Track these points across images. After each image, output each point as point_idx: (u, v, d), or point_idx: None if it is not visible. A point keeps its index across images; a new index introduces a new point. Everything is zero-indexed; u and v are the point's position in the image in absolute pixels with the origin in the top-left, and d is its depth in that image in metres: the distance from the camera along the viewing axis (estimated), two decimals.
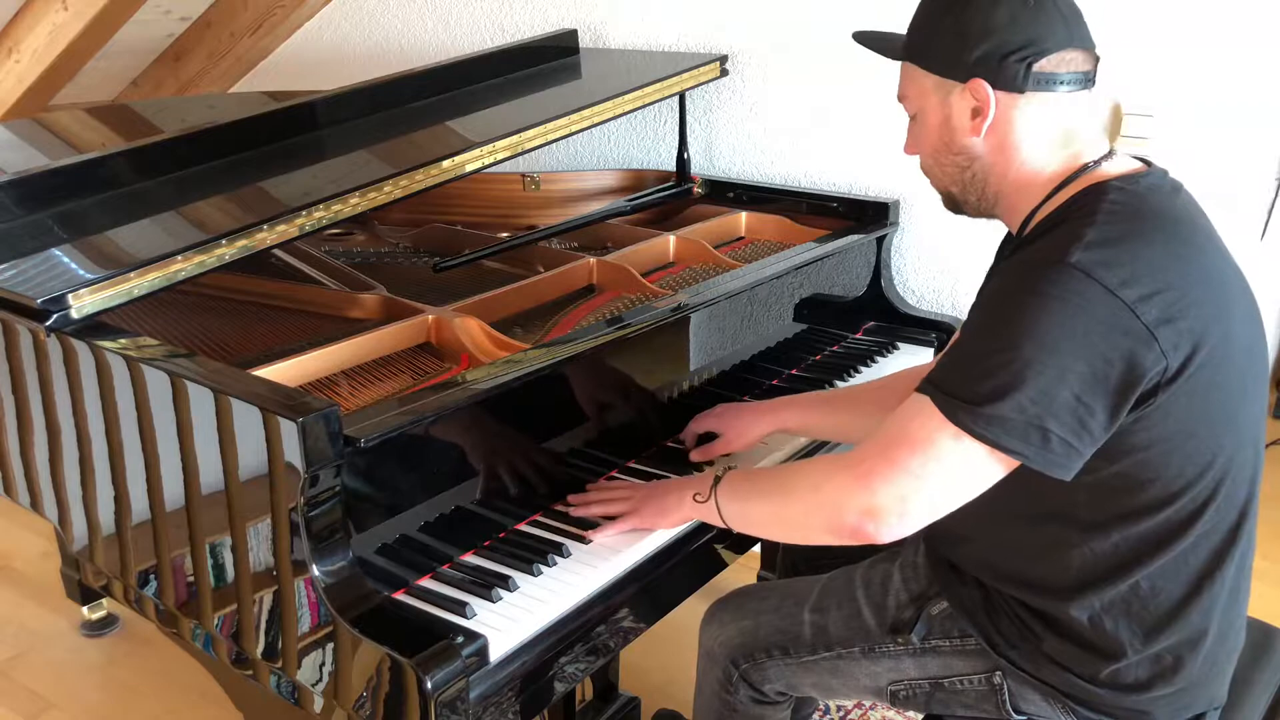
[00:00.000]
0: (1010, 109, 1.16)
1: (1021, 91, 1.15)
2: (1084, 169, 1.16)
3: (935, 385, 1.11)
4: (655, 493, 1.40)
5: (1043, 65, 1.14)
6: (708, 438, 1.59)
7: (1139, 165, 1.19)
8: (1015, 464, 1.09)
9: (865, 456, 1.15)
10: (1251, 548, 1.22)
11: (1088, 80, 1.17)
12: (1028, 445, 1.06)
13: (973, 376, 1.07)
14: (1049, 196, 1.17)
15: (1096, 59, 1.18)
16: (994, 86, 1.15)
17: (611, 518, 1.40)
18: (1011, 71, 1.14)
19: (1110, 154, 1.18)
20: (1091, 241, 1.06)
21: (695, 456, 1.57)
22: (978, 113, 1.17)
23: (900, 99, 1.27)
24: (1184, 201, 1.16)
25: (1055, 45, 1.14)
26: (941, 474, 1.10)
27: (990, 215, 1.26)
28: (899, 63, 1.26)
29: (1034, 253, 1.12)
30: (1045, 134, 1.17)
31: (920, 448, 1.10)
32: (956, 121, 1.19)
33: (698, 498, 1.34)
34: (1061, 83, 1.15)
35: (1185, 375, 1.06)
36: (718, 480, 1.33)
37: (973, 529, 1.26)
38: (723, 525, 1.34)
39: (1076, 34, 1.15)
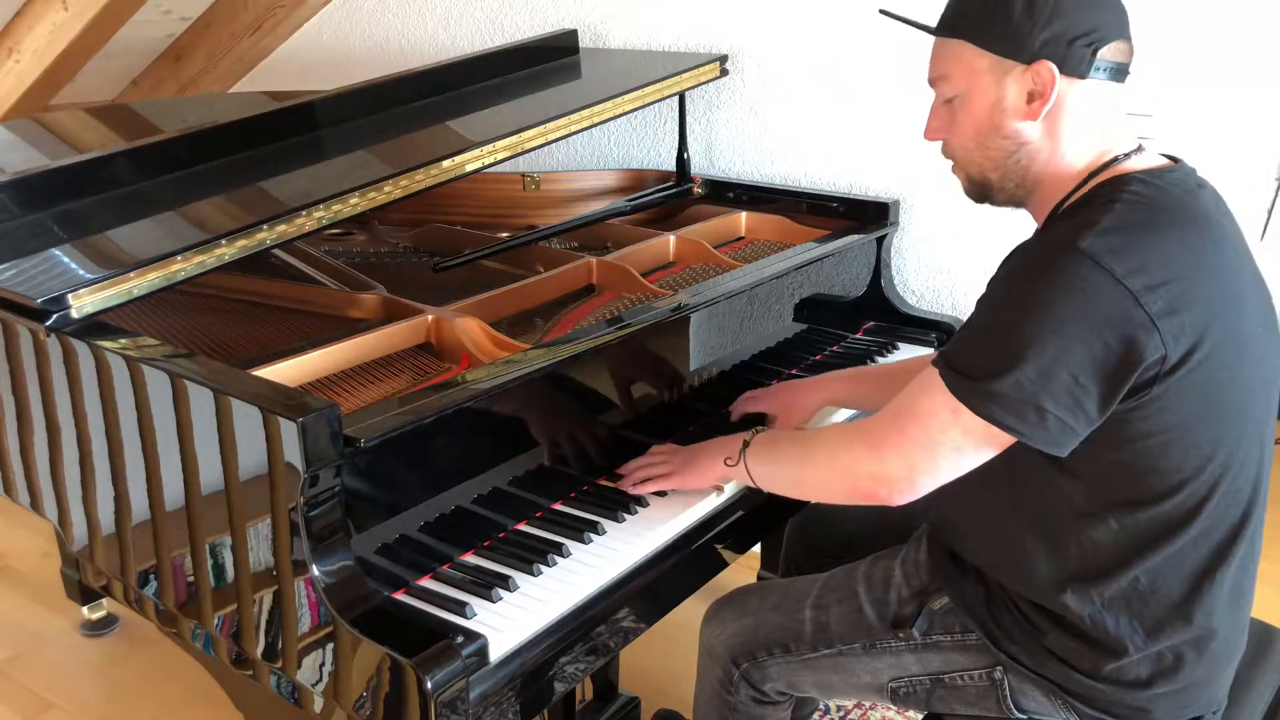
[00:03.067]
0: (1067, 94, 1.16)
1: (1084, 77, 1.15)
2: (1112, 162, 1.17)
3: (944, 360, 1.14)
4: (694, 454, 1.46)
5: (1104, 53, 1.14)
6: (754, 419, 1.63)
7: (1166, 162, 1.19)
8: (1014, 440, 1.12)
9: (877, 427, 1.20)
10: (1256, 550, 1.22)
11: (1126, 73, 1.19)
12: (1024, 423, 1.08)
13: (978, 353, 1.11)
14: (1077, 188, 1.18)
15: (1133, 53, 1.19)
16: (1060, 70, 1.14)
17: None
18: (1078, 56, 1.14)
19: (1139, 149, 1.19)
20: (1104, 229, 1.07)
21: None
22: (1034, 96, 1.16)
23: (935, 80, 1.24)
24: (1206, 199, 1.16)
25: (1113, 34, 1.15)
26: (945, 446, 1.15)
27: (1020, 204, 1.25)
28: (932, 43, 1.24)
29: (1049, 236, 1.14)
30: (1090, 122, 1.18)
31: (926, 421, 1.15)
32: (1010, 103, 1.17)
33: (728, 461, 1.40)
34: (1110, 71, 1.16)
35: (1186, 368, 1.07)
36: (746, 445, 1.38)
37: (975, 519, 1.27)
38: (753, 485, 1.40)
39: (1126, 26, 1.17)
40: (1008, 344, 1.08)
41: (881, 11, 1.36)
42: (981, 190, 1.26)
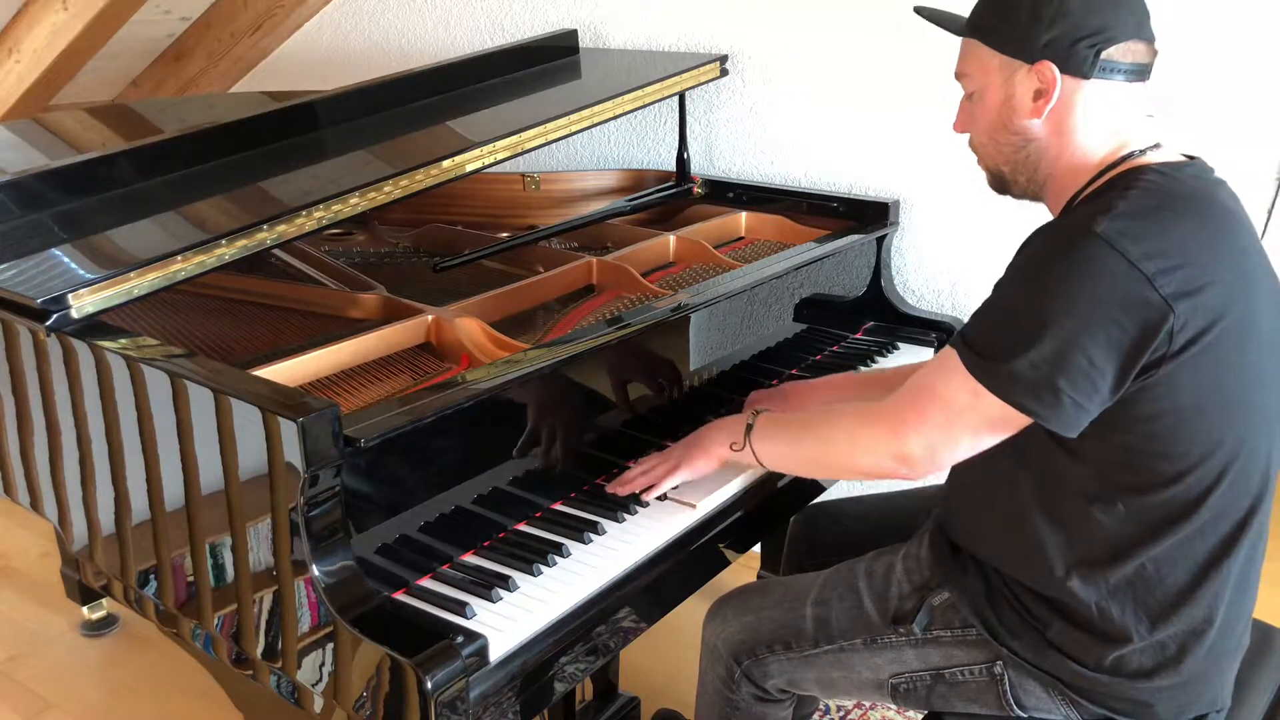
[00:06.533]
0: (1072, 93, 1.18)
1: (1087, 78, 1.17)
2: (1128, 156, 1.19)
3: (963, 340, 1.16)
4: (694, 439, 1.46)
5: (1109, 54, 1.16)
6: None
7: (1183, 158, 1.21)
8: (1030, 420, 1.13)
9: (897, 408, 1.22)
10: (1262, 543, 1.22)
11: (1146, 72, 1.20)
12: (1040, 404, 1.10)
13: (996, 335, 1.13)
14: (1093, 180, 1.20)
15: (1155, 53, 1.20)
16: (1061, 70, 1.17)
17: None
18: (1080, 57, 1.16)
19: (1156, 145, 1.20)
20: (1120, 213, 1.09)
21: None
22: (1040, 94, 1.19)
23: (959, 76, 1.28)
24: (1225, 193, 1.18)
25: (1123, 35, 1.16)
26: (964, 426, 1.18)
27: (1036, 197, 1.29)
28: (959, 41, 1.28)
29: (1065, 221, 1.16)
30: (1101, 121, 1.19)
31: (945, 404, 1.18)
32: (1018, 102, 1.21)
33: (734, 446, 1.41)
34: (1123, 72, 1.17)
35: (1194, 349, 1.08)
36: (750, 428, 1.39)
37: (983, 506, 1.29)
38: (759, 467, 1.42)
39: (1143, 26, 1.18)
40: (1025, 326, 1.10)
41: (916, 10, 1.38)
42: (999, 182, 1.31)
